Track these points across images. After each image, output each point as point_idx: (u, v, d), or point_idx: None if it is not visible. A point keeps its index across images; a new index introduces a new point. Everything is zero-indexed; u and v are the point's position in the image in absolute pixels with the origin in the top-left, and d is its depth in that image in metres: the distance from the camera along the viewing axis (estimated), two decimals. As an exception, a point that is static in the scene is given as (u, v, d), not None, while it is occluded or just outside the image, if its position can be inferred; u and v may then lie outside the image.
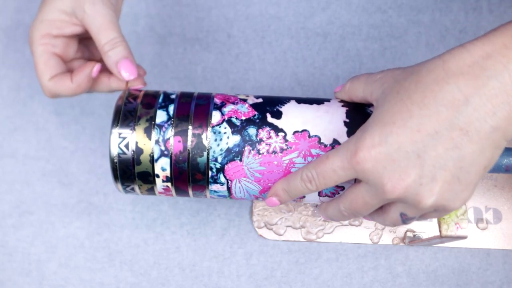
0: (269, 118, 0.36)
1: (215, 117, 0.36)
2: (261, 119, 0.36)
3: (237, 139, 0.35)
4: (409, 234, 0.47)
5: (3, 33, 0.55)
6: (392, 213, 0.33)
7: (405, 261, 0.48)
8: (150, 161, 0.36)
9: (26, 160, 0.51)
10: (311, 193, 0.37)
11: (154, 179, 0.37)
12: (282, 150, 0.35)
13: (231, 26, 0.54)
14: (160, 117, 0.36)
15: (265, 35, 0.54)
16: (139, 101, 0.37)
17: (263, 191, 0.37)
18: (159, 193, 0.39)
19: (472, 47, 0.28)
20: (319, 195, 0.37)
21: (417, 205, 0.30)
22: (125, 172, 0.36)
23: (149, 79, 0.53)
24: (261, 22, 0.55)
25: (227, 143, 0.35)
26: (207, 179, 0.37)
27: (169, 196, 0.40)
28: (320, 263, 0.48)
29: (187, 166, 0.36)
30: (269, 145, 0.35)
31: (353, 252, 0.48)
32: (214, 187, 0.37)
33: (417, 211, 0.31)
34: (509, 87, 0.27)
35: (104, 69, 0.41)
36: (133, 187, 0.38)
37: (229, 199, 0.39)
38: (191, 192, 0.38)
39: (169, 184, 0.37)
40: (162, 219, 0.49)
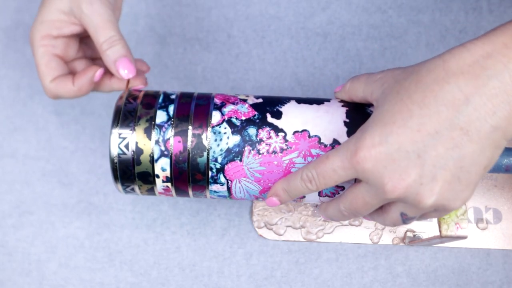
0: (269, 118, 0.36)
1: (215, 117, 0.36)
2: (261, 119, 0.36)
3: (237, 139, 0.35)
4: (409, 234, 0.47)
5: (3, 33, 0.55)
6: (392, 213, 0.33)
7: (405, 261, 0.48)
8: (150, 161, 0.36)
9: (26, 160, 0.51)
10: (311, 193, 0.37)
11: (154, 179, 0.37)
12: (282, 150, 0.35)
13: (231, 26, 0.54)
14: (160, 117, 0.36)
15: (265, 35, 0.54)
16: (139, 101, 0.37)
17: (263, 191, 0.37)
18: (159, 193, 0.39)
19: (472, 46, 0.28)
20: (319, 195, 0.37)
21: (417, 205, 0.30)
22: (125, 172, 0.36)
23: (149, 79, 0.53)
24: (261, 22, 0.55)
25: (227, 143, 0.35)
26: (207, 179, 0.36)
27: (169, 196, 0.40)
28: (320, 263, 0.48)
29: (187, 166, 0.36)
30: (269, 145, 0.35)
31: (353, 252, 0.48)
32: (214, 187, 0.37)
33: (417, 211, 0.31)
34: (510, 87, 0.27)
35: (106, 71, 0.41)
36: (133, 187, 0.38)
37: (229, 199, 0.39)
38: (191, 192, 0.38)
39: (169, 184, 0.37)
40: (162, 219, 0.49)
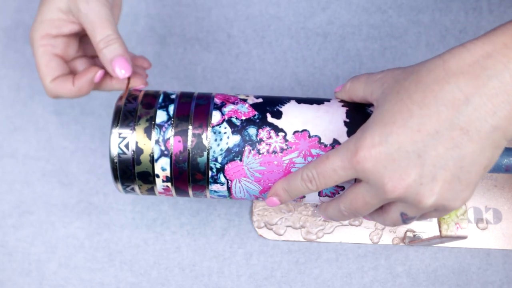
0: (269, 118, 0.36)
1: (215, 117, 0.36)
2: (261, 119, 0.36)
3: (237, 139, 0.35)
4: (409, 234, 0.47)
5: (3, 33, 0.55)
6: (392, 213, 0.33)
7: (405, 261, 0.48)
8: (150, 161, 0.36)
9: (26, 160, 0.51)
10: (311, 193, 0.37)
11: (154, 179, 0.37)
12: (282, 150, 0.35)
13: (231, 26, 0.54)
14: (160, 117, 0.36)
15: (265, 35, 0.54)
16: (139, 101, 0.37)
17: (263, 191, 0.37)
18: (159, 193, 0.39)
19: (472, 46, 0.28)
20: (319, 195, 0.37)
21: (417, 205, 0.30)
22: (125, 172, 0.36)
23: (149, 79, 0.53)
24: (261, 22, 0.55)
25: (227, 143, 0.35)
26: (207, 179, 0.36)
27: (169, 196, 0.40)
28: (320, 263, 0.48)
29: (187, 166, 0.36)
30: (269, 145, 0.35)
31: (353, 252, 0.48)
32: (214, 187, 0.37)
33: (417, 211, 0.31)
34: (510, 87, 0.27)
35: (107, 72, 0.41)
36: (133, 187, 0.38)
37: (229, 199, 0.39)
38: (191, 192, 0.38)
39: (169, 184, 0.37)
40: (162, 219, 0.49)
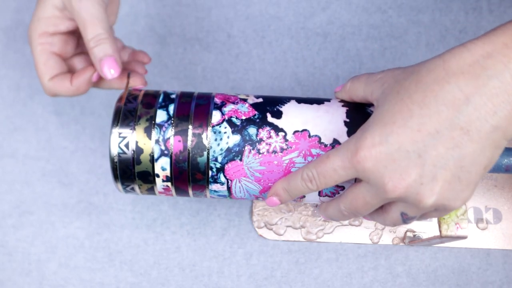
0: (269, 117, 0.36)
1: (215, 116, 0.36)
2: (261, 118, 0.36)
3: (237, 138, 0.35)
4: (409, 234, 0.47)
5: (3, 33, 0.55)
6: (392, 212, 0.33)
7: (405, 261, 0.48)
8: (150, 161, 0.36)
9: (26, 160, 0.51)
10: (311, 193, 0.37)
11: (154, 179, 0.37)
12: (282, 149, 0.35)
13: (231, 26, 0.54)
14: (160, 117, 0.36)
15: (265, 35, 0.54)
16: (139, 101, 0.37)
17: (263, 191, 0.37)
18: (159, 193, 0.39)
19: (472, 46, 0.28)
20: (319, 195, 0.37)
21: (417, 205, 0.30)
22: (125, 171, 0.36)
23: (149, 79, 0.53)
24: (261, 22, 0.55)
25: (227, 143, 0.35)
26: (207, 179, 0.36)
27: (169, 196, 0.40)
28: (320, 263, 0.48)
29: (187, 165, 0.36)
30: (269, 144, 0.35)
31: (353, 252, 0.48)
32: (214, 187, 0.37)
33: (417, 211, 0.31)
34: (510, 87, 0.27)
35: None
36: (133, 187, 0.38)
37: (229, 199, 0.39)
38: (191, 192, 0.38)
39: (169, 183, 0.37)
40: (162, 219, 0.49)
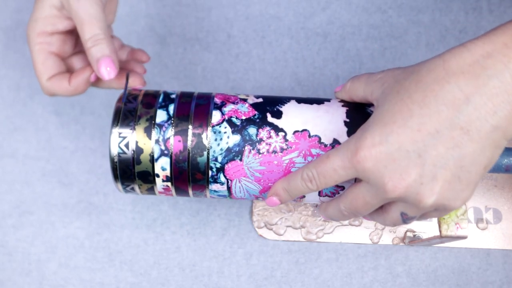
0: (269, 117, 0.36)
1: (215, 116, 0.36)
2: (261, 118, 0.36)
3: (237, 138, 0.35)
4: (409, 234, 0.47)
5: (3, 33, 0.55)
6: (392, 212, 0.33)
7: (405, 261, 0.48)
8: (150, 161, 0.36)
9: (26, 160, 0.51)
10: (311, 193, 0.37)
11: (154, 179, 0.37)
12: (282, 149, 0.35)
13: (231, 26, 0.54)
14: (160, 117, 0.36)
15: (265, 35, 0.54)
16: (139, 101, 0.37)
17: (263, 191, 0.37)
18: (159, 193, 0.39)
19: (472, 46, 0.28)
20: (319, 195, 0.37)
21: (417, 205, 0.30)
22: (125, 171, 0.36)
23: (149, 79, 0.53)
24: (261, 22, 0.55)
25: (227, 143, 0.35)
26: (207, 179, 0.36)
27: (169, 196, 0.40)
28: (320, 263, 0.48)
29: (187, 165, 0.36)
30: (269, 144, 0.35)
31: (353, 252, 0.48)
32: (214, 187, 0.37)
33: (417, 211, 0.31)
34: (510, 86, 0.27)
35: None
36: (133, 187, 0.38)
37: (229, 199, 0.39)
38: (191, 191, 0.38)
39: (169, 183, 0.37)
40: (162, 219, 0.49)
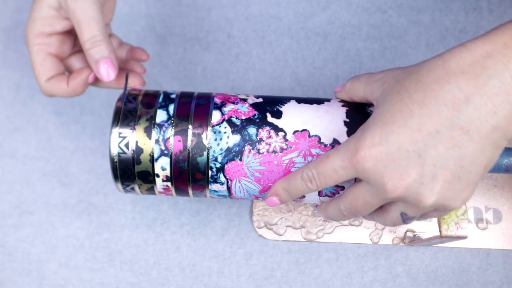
0: (269, 117, 0.36)
1: (215, 116, 0.36)
2: (261, 118, 0.36)
3: (237, 138, 0.35)
4: (409, 234, 0.47)
5: (3, 33, 0.55)
6: (392, 212, 0.33)
7: (405, 261, 0.48)
8: (150, 161, 0.36)
9: (26, 160, 0.51)
10: (311, 193, 0.37)
11: (154, 179, 0.37)
12: (282, 149, 0.35)
13: (231, 26, 0.54)
14: (160, 117, 0.36)
15: (265, 35, 0.54)
16: (139, 101, 0.37)
17: (263, 191, 0.37)
18: (159, 193, 0.39)
19: (472, 46, 0.28)
20: (319, 195, 0.37)
21: (417, 205, 0.30)
22: (125, 171, 0.36)
23: (149, 79, 0.53)
24: (261, 22, 0.55)
25: (227, 143, 0.35)
26: (207, 179, 0.36)
27: (169, 196, 0.40)
28: (320, 263, 0.48)
29: (187, 165, 0.36)
30: (269, 144, 0.35)
31: (353, 252, 0.48)
32: (214, 187, 0.37)
33: (417, 211, 0.31)
34: (510, 86, 0.27)
35: None
36: (133, 187, 0.38)
37: (229, 199, 0.39)
38: (191, 191, 0.38)
39: (169, 183, 0.37)
40: (162, 219, 0.49)
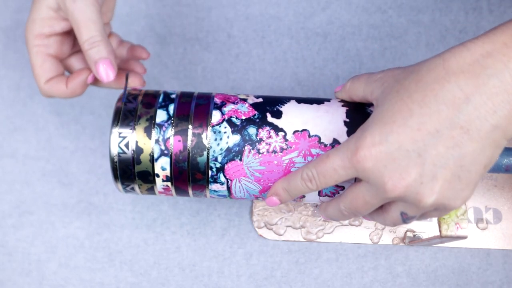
0: (269, 117, 0.36)
1: (215, 116, 0.36)
2: (261, 118, 0.36)
3: (237, 138, 0.35)
4: (409, 234, 0.47)
5: (3, 33, 0.55)
6: (392, 212, 0.33)
7: (405, 261, 0.48)
8: (150, 161, 0.36)
9: (26, 160, 0.51)
10: (311, 193, 0.37)
11: (154, 179, 0.37)
12: (282, 149, 0.35)
13: (231, 26, 0.54)
14: (160, 117, 0.36)
15: (265, 35, 0.54)
16: (139, 101, 0.37)
17: (263, 191, 0.37)
18: (159, 193, 0.39)
19: (472, 45, 0.28)
20: (319, 195, 0.37)
21: (417, 204, 0.30)
22: (125, 171, 0.36)
23: (149, 79, 0.53)
24: (261, 22, 0.55)
25: (227, 143, 0.35)
26: (207, 179, 0.36)
27: (169, 195, 0.40)
28: (320, 263, 0.48)
29: (187, 165, 0.36)
30: (269, 144, 0.35)
31: (353, 252, 0.48)
32: (214, 187, 0.37)
33: (417, 210, 0.31)
34: (510, 86, 0.27)
35: None
36: (133, 187, 0.38)
37: (229, 199, 0.39)
38: (191, 191, 0.38)
39: (169, 183, 0.37)
40: (162, 219, 0.49)
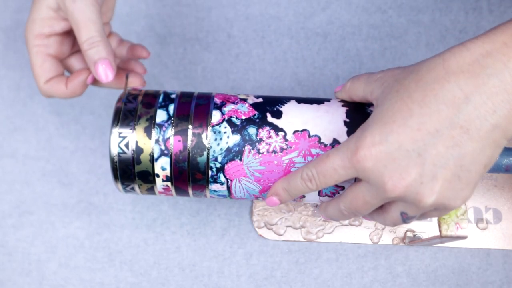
0: (269, 117, 0.36)
1: (215, 116, 0.36)
2: (261, 118, 0.36)
3: (237, 138, 0.35)
4: (409, 234, 0.47)
5: (3, 33, 0.55)
6: (392, 212, 0.33)
7: (405, 261, 0.48)
8: (150, 161, 0.36)
9: (26, 160, 0.51)
10: (311, 193, 0.37)
11: (154, 179, 0.37)
12: (282, 149, 0.35)
13: (231, 26, 0.54)
14: (160, 117, 0.36)
15: (265, 35, 0.54)
16: (139, 101, 0.37)
17: (263, 191, 0.37)
18: (159, 193, 0.39)
19: (472, 45, 0.28)
20: (319, 195, 0.37)
21: (417, 204, 0.30)
22: (125, 171, 0.36)
23: (149, 79, 0.53)
24: (261, 22, 0.55)
25: (227, 143, 0.35)
26: (207, 179, 0.36)
27: (169, 195, 0.40)
28: (320, 263, 0.48)
29: (187, 165, 0.36)
30: (269, 144, 0.35)
31: (353, 252, 0.48)
32: (214, 187, 0.37)
33: (417, 210, 0.31)
34: (509, 86, 0.27)
35: None
36: (133, 187, 0.38)
37: (229, 199, 0.39)
38: (191, 191, 0.38)
39: (169, 183, 0.37)
40: (162, 219, 0.49)
